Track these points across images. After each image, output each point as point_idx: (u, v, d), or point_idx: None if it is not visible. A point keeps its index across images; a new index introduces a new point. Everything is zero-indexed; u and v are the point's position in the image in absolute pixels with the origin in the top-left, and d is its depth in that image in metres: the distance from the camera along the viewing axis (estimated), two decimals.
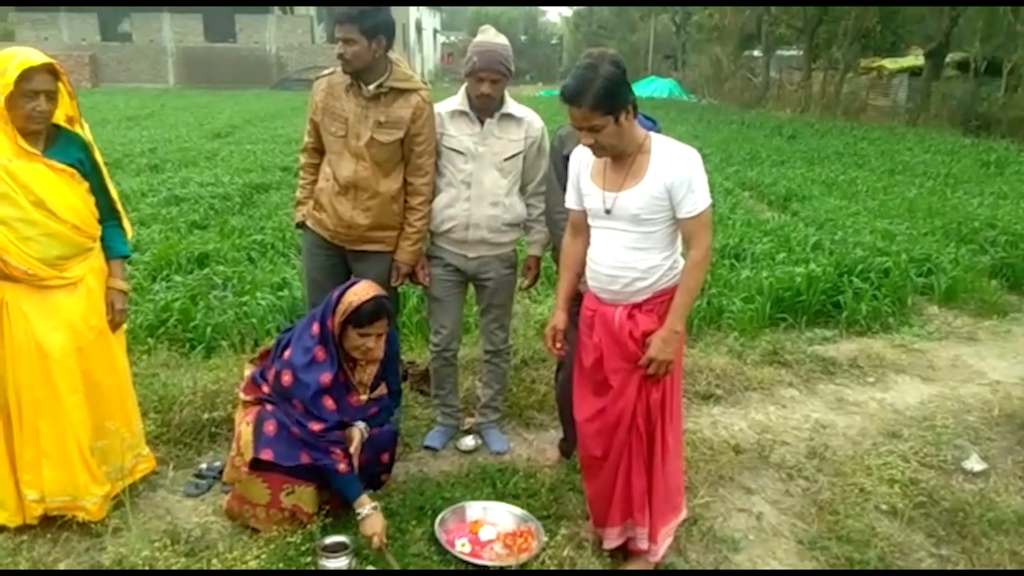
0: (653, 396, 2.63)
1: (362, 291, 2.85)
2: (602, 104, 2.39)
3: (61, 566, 2.62)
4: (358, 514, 2.75)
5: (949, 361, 4.92)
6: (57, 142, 2.71)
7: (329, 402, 2.83)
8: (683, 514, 2.91)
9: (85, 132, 2.83)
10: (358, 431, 2.90)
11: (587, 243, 2.74)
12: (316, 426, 2.77)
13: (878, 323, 5.33)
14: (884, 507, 3.27)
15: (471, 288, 3.61)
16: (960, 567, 2.90)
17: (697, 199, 2.49)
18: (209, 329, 4.63)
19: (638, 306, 2.61)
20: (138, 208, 7.70)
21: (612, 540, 2.80)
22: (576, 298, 2.90)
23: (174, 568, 2.55)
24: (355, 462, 2.83)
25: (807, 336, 5.15)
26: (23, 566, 2.58)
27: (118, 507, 2.83)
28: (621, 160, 2.55)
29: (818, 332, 5.21)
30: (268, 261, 6.06)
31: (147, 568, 2.53)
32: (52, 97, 2.63)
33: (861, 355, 4.86)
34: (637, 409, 2.64)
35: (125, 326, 2.99)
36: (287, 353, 2.87)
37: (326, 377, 2.81)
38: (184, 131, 15.40)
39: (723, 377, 4.46)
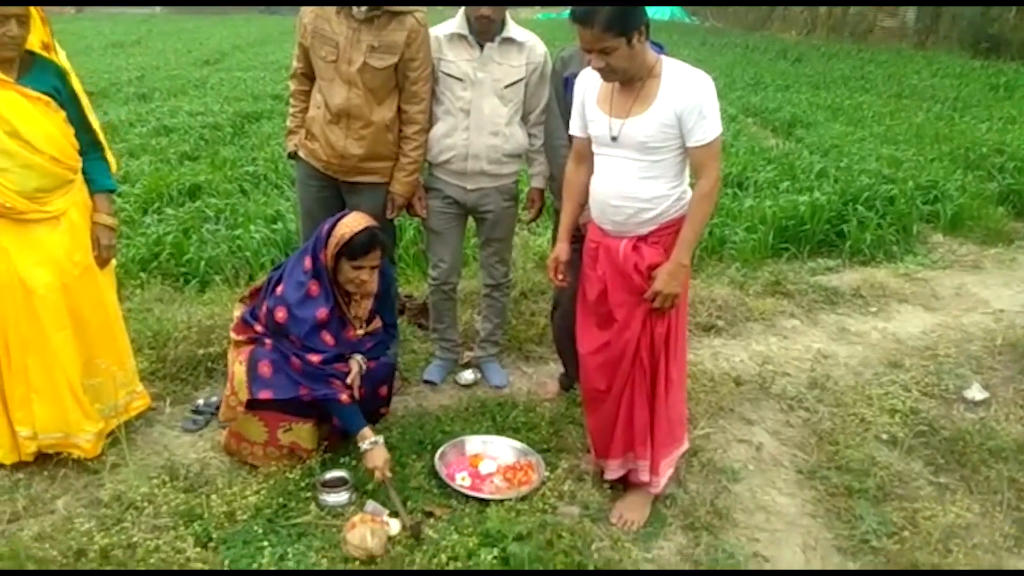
0: (658, 330, 2.58)
1: (354, 222, 2.76)
2: (615, 25, 2.25)
3: (59, 503, 2.61)
4: (360, 447, 2.73)
5: (953, 290, 4.86)
6: (32, 70, 2.58)
7: (327, 337, 2.78)
8: (685, 446, 2.90)
9: (61, 59, 2.69)
10: (356, 362, 2.86)
11: (590, 172, 2.63)
12: (314, 357, 2.72)
13: (882, 252, 5.25)
14: (884, 436, 3.26)
15: (471, 220, 3.51)
16: (959, 495, 2.90)
17: (708, 127, 2.38)
18: (203, 263, 4.56)
19: (643, 238, 2.53)
20: (126, 139, 7.52)
21: (613, 472, 2.79)
22: (576, 231, 2.82)
23: (172, 504, 2.54)
24: (356, 393, 2.80)
25: (810, 266, 5.07)
26: (20, 503, 2.57)
27: (116, 444, 2.81)
28: (630, 85, 2.42)
29: (821, 262, 5.14)
30: (261, 193, 5.92)
31: (145, 505, 2.52)
32: (23, 22, 2.48)
33: (864, 285, 4.80)
34: (641, 343, 2.59)
35: (114, 262, 2.91)
36: (279, 289, 2.80)
37: (322, 312, 2.74)
38: (172, 58, 14.97)
39: (724, 308, 4.41)
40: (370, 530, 2.42)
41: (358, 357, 2.88)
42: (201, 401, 3.26)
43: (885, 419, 3.38)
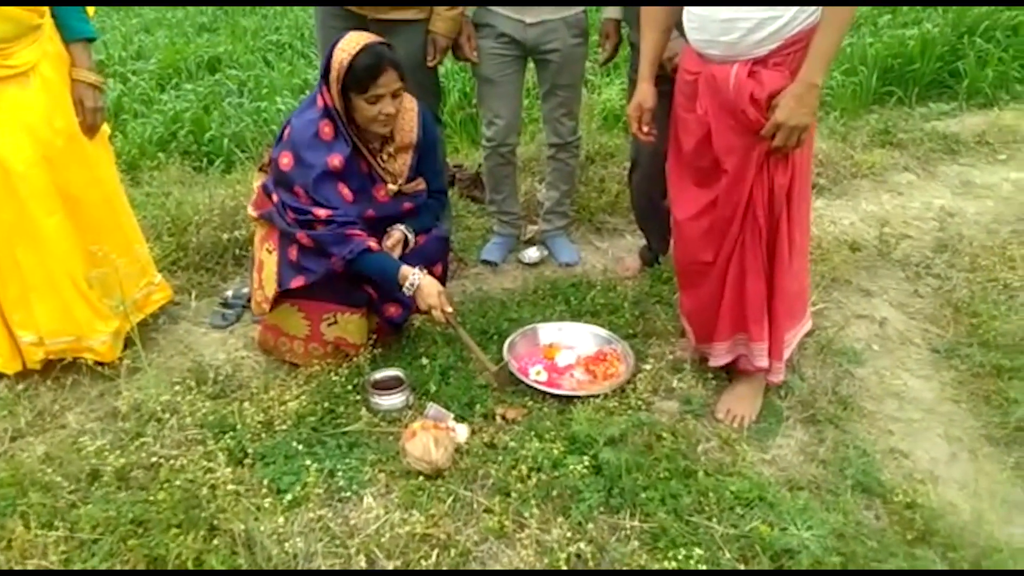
0: (779, 180, 2.01)
1: (350, 44, 2.17)
2: None
3: (69, 416, 2.24)
4: (406, 288, 2.25)
5: None
6: None
7: (344, 189, 2.25)
8: (807, 324, 2.39)
9: None
10: (399, 231, 2.38)
11: None
12: (322, 212, 2.20)
13: (1005, 91, 4.51)
14: None
15: (530, 68, 2.92)
16: None
17: None
18: (226, 140, 4.09)
19: (762, 60, 1.93)
20: (140, 12, 6.94)
21: (719, 357, 2.31)
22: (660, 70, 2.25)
23: (199, 414, 2.15)
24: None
25: (921, 111, 4.40)
26: (25, 418, 2.20)
27: (134, 345, 2.40)
28: None
29: (934, 106, 4.45)
30: (286, 62, 5.41)
31: (168, 416, 2.14)
32: None
33: (990, 129, 4.13)
34: (756, 197, 2.03)
35: (107, 130, 2.41)
36: (287, 132, 2.28)
37: (335, 159, 2.21)
38: None
39: (827, 164, 3.80)
40: (433, 439, 2.01)
41: (402, 226, 2.39)
42: (230, 293, 2.85)
43: None
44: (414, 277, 2.24)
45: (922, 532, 1.90)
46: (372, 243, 2.25)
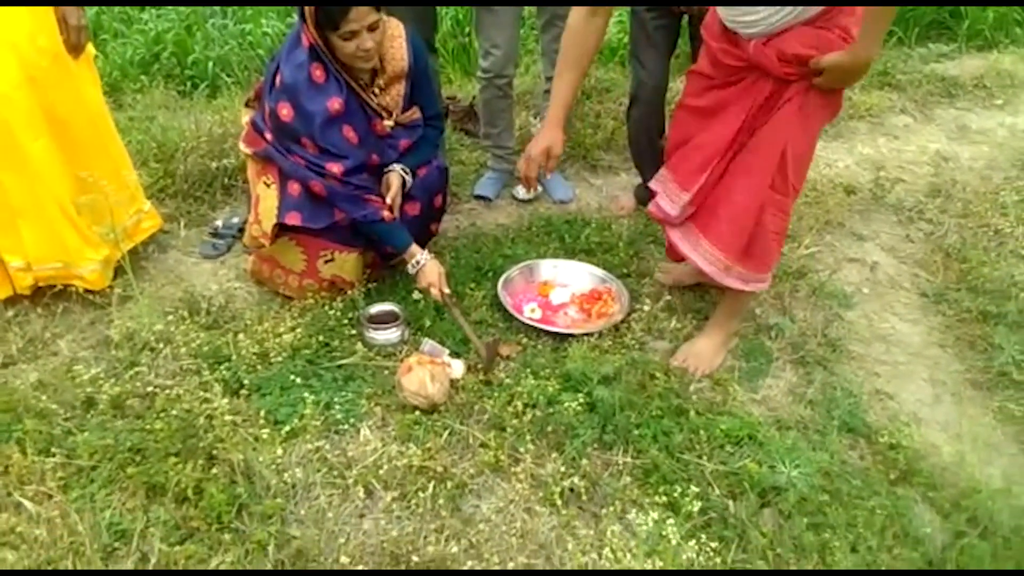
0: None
1: None
2: None
3: (62, 343, 2.22)
4: (411, 265, 2.30)
5: None
6: None
7: (349, 132, 2.20)
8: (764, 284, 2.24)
9: None
10: (397, 175, 2.33)
11: (605, 24, 1.97)
12: (336, 167, 2.17)
13: (1005, 34, 4.45)
14: None
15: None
16: None
17: None
18: (210, 63, 3.95)
19: (810, 21, 1.83)
20: None
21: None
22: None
23: (193, 344, 2.14)
24: (395, 212, 2.30)
25: (920, 52, 4.33)
26: (16, 344, 2.18)
27: (125, 274, 2.37)
28: None
29: (933, 47, 4.39)
30: None
31: (161, 346, 2.13)
32: None
33: (988, 73, 4.10)
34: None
35: (92, 50, 2.32)
36: (278, 79, 2.20)
37: (335, 102, 2.14)
38: None
39: None
40: (429, 373, 2.01)
41: (398, 168, 2.34)
42: (220, 222, 2.80)
43: None
44: (421, 257, 2.29)
45: (904, 472, 1.95)
46: (386, 212, 2.25)
